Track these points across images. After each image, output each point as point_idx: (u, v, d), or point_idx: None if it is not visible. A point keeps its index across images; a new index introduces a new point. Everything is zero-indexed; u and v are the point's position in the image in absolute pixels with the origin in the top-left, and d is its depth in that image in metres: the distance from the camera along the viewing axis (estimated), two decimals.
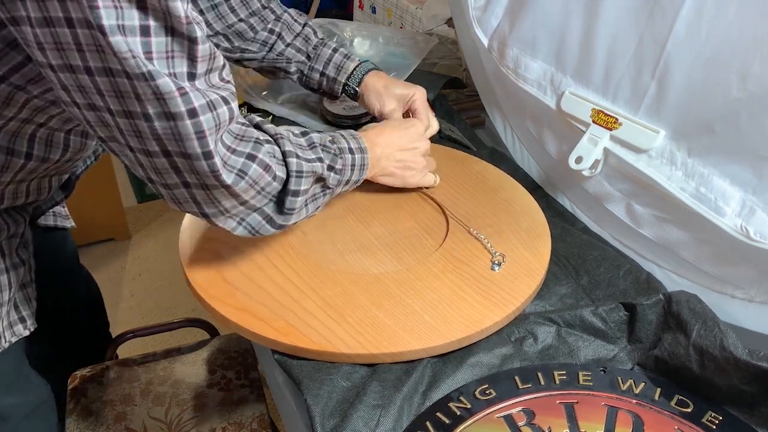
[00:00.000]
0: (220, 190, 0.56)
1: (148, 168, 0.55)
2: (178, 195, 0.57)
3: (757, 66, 0.59)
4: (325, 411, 0.58)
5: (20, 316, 0.75)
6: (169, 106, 0.50)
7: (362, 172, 0.74)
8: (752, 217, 0.62)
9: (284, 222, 0.64)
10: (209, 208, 0.59)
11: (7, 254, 0.72)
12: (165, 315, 1.82)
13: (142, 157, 0.54)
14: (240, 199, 0.59)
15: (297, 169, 0.62)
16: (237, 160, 0.57)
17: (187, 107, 0.50)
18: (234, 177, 0.56)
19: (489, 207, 0.82)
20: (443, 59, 1.27)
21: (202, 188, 0.56)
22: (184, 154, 0.53)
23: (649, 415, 0.58)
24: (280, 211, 0.63)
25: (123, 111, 0.50)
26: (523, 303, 0.68)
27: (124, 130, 0.52)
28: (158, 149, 0.53)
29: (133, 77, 0.48)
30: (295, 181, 0.62)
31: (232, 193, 0.57)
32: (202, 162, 0.53)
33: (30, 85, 0.59)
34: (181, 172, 0.55)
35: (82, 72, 0.48)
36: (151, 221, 2.19)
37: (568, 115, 0.78)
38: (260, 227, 0.63)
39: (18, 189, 0.70)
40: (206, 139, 0.52)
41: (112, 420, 0.92)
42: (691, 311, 0.63)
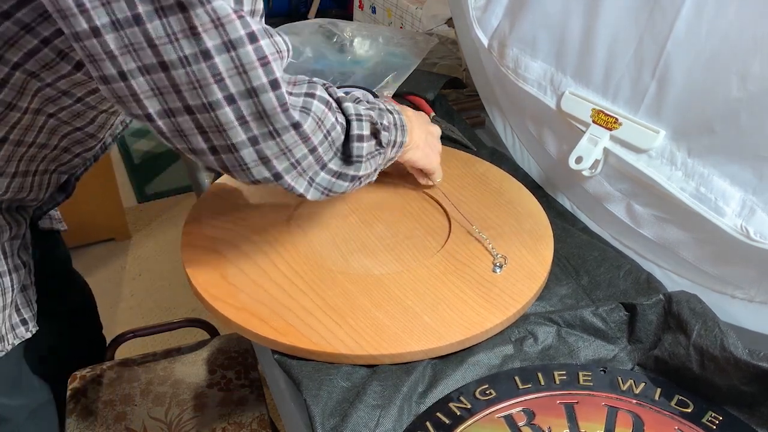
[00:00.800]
0: (290, 133, 0.53)
1: (210, 130, 0.52)
2: (246, 156, 0.54)
3: (757, 66, 0.59)
4: (324, 411, 0.58)
5: (22, 318, 0.75)
6: (228, 32, 0.47)
7: (404, 135, 0.71)
8: (752, 217, 0.62)
9: (355, 172, 0.61)
10: (281, 163, 0.55)
11: (9, 256, 0.72)
12: (165, 315, 1.82)
13: (204, 116, 0.51)
14: (309, 143, 0.55)
15: (355, 112, 0.60)
16: (297, 99, 0.54)
17: (247, 31, 0.48)
18: (300, 113, 0.54)
19: (492, 208, 0.82)
20: (443, 59, 1.27)
21: (271, 136, 0.53)
22: (249, 90, 0.50)
23: (649, 415, 0.58)
24: (348, 161, 0.61)
25: (179, 58, 0.48)
26: (524, 306, 0.68)
27: (181, 85, 0.49)
28: (221, 96, 0.50)
29: (188, 6, 0.45)
30: (356, 125, 0.60)
31: (301, 135, 0.54)
32: (270, 94, 0.51)
33: (44, 71, 0.58)
34: (247, 122, 0.52)
35: (131, 23, 0.46)
36: (151, 221, 2.19)
37: (568, 115, 0.78)
38: (332, 185, 0.61)
39: (23, 183, 0.70)
40: (270, 65, 0.50)
41: (112, 420, 0.92)
42: (692, 311, 0.63)
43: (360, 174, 0.62)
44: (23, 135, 0.64)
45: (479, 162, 0.92)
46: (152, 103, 0.51)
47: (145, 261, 2.02)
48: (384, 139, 0.65)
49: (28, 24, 0.54)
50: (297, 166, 0.57)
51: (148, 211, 2.23)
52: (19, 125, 0.62)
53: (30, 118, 0.63)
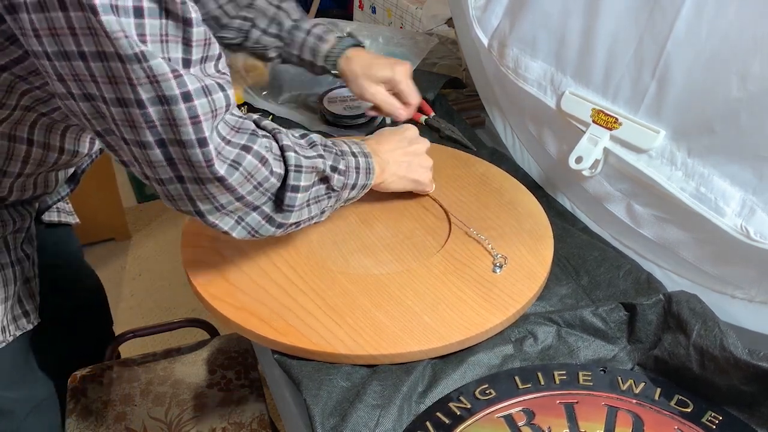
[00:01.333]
0: (214, 184, 0.55)
1: (143, 162, 0.54)
2: (173, 191, 0.56)
3: (757, 66, 0.59)
4: (324, 411, 0.58)
5: (24, 310, 0.76)
6: (163, 89, 0.49)
7: (368, 177, 0.72)
8: (752, 217, 0.62)
9: (283, 220, 0.62)
10: (204, 205, 0.57)
11: (12, 248, 0.72)
12: (165, 315, 1.82)
13: (137, 150, 0.53)
14: (235, 193, 0.57)
15: (296, 163, 0.61)
16: (231, 151, 0.55)
17: (182, 90, 0.49)
18: (227, 168, 0.55)
19: (492, 209, 0.82)
20: (443, 59, 1.26)
21: (196, 182, 0.55)
22: (178, 141, 0.52)
23: (649, 415, 0.58)
24: (278, 209, 0.61)
25: (117, 99, 0.50)
26: (524, 306, 0.68)
27: (118, 120, 0.51)
28: (152, 139, 0.52)
29: (126, 59, 0.47)
30: (294, 176, 0.60)
31: (226, 186, 0.56)
32: (197, 150, 0.52)
33: (31, 76, 0.59)
34: (175, 164, 0.54)
35: (77, 58, 0.48)
36: (151, 221, 2.19)
37: (568, 115, 0.78)
38: (260, 227, 0.62)
39: (26, 183, 0.71)
40: (201, 124, 0.51)
41: (112, 420, 0.92)
42: (692, 311, 0.63)
43: (289, 222, 0.63)
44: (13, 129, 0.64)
45: (479, 162, 0.92)
46: (98, 123, 0.53)
47: (145, 261, 2.02)
48: (337, 183, 0.66)
49: (12, 36, 0.55)
50: (221, 209, 0.58)
51: (148, 211, 2.23)
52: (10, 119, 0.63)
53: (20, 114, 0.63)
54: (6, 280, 0.71)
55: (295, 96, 1.09)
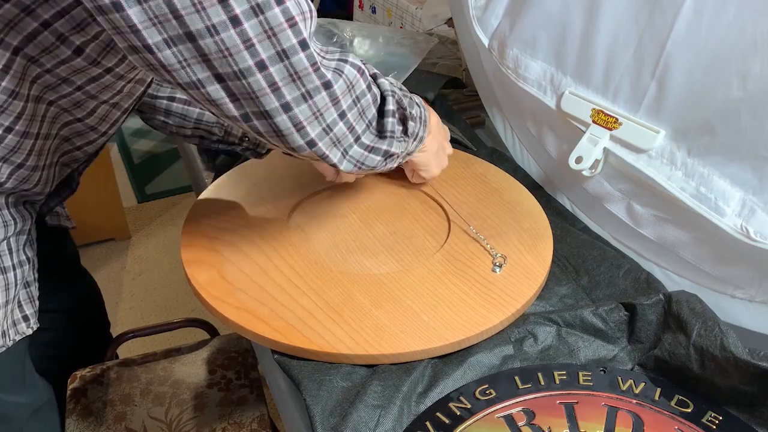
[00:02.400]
0: (321, 95, 0.54)
1: (243, 97, 0.52)
2: (280, 123, 0.54)
3: (757, 66, 0.59)
4: (324, 411, 0.58)
5: (24, 314, 0.76)
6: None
7: (425, 129, 0.72)
8: (752, 217, 0.62)
9: (388, 147, 0.62)
10: (313, 129, 0.55)
11: (15, 251, 0.72)
12: (165, 315, 1.82)
13: (236, 84, 0.51)
14: (339, 106, 0.56)
15: (390, 89, 0.61)
16: (330, 62, 0.55)
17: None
18: (332, 74, 0.54)
19: (491, 208, 0.82)
20: (443, 59, 1.27)
21: (303, 99, 0.53)
22: (279, 53, 0.50)
23: (649, 415, 0.58)
24: (381, 135, 0.61)
25: (207, 28, 0.48)
26: (523, 305, 0.68)
27: (210, 54, 0.49)
28: (252, 63, 0.50)
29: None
30: (391, 100, 0.61)
31: (331, 95, 0.54)
32: (300, 55, 0.51)
33: (43, 56, 0.58)
34: (279, 89, 0.52)
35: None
36: (151, 221, 2.19)
37: (568, 115, 0.78)
38: (365, 159, 0.61)
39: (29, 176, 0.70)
40: (298, 25, 0.50)
41: (112, 420, 0.92)
42: (692, 311, 0.63)
43: (392, 150, 0.63)
44: (29, 126, 0.64)
45: (479, 162, 0.92)
46: (181, 75, 0.51)
47: (145, 261, 2.02)
48: (410, 128, 0.66)
49: (28, 6, 0.54)
50: (329, 131, 0.57)
51: (148, 211, 2.23)
52: (24, 115, 0.63)
53: (32, 107, 0.63)
54: (7, 285, 0.71)
55: None
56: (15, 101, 0.61)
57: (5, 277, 0.71)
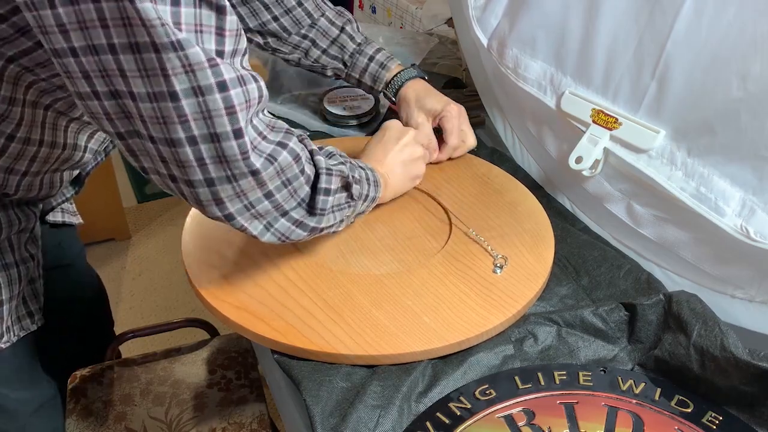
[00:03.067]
0: (247, 179, 0.54)
1: (171, 162, 0.53)
2: (201, 195, 0.55)
3: (757, 66, 0.59)
4: (324, 411, 0.58)
5: (28, 310, 0.76)
6: (198, 79, 0.48)
7: (377, 189, 0.73)
8: (752, 217, 0.62)
9: (316, 224, 0.62)
10: (234, 206, 0.56)
11: (17, 248, 0.72)
12: (165, 315, 1.82)
13: (165, 150, 0.51)
14: (266, 189, 0.56)
15: (326, 166, 0.61)
16: (267, 146, 0.55)
17: (217, 79, 0.48)
18: (263, 161, 0.54)
19: (493, 209, 0.82)
20: (443, 59, 1.27)
21: (228, 180, 0.54)
22: (212, 135, 0.50)
23: (649, 416, 0.58)
24: (311, 212, 0.61)
25: (147, 93, 0.48)
26: (524, 306, 0.68)
27: (147, 117, 0.50)
28: (183, 136, 0.50)
29: (161, 48, 0.46)
30: (325, 178, 0.61)
31: (259, 181, 0.55)
32: (232, 142, 0.51)
33: (38, 68, 0.59)
34: (206, 165, 0.52)
35: (106, 51, 0.47)
36: (151, 221, 2.19)
37: (568, 115, 0.78)
38: (290, 232, 0.61)
39: (33, 182, 0.71)
40: (236, 115, 0.50)
41: (112, 420, 0.92)
42: (692, 311, 0.63)
43: (321, 226, 0.63)
44: (29, 132, 0.64)
45: (480, 162, 0.92)
46: (122, 124, 0.52)
47: (145, 261, 2.02)
48: (355, 191, 0.66)
49: (23, 27, 0.54)
50: (251, 208, 0.57)
51: (148, 211, 2.23)
52: (24, 121, 0.63)
53: (31, 113, 0.63)
54: (11, 281, 0.71)
55: (295, 96, 1.09)
56: (14, 108, 0.61)
57: (8, 273, 0.71)
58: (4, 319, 0.71)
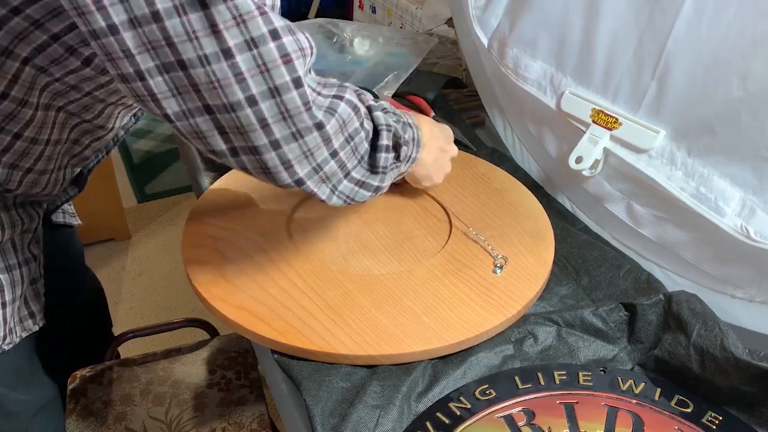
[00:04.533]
0: (312, 134, 0.52)
1: (232, 132, 0.51)
2: (269, 161, 0.52)
3: (757, 66, 0.59)
4: (324, 411, 0.58)
5: (30, 311, 0.76)
6: (251, 30, 0.46)
7: (418, 150, 0.70)
8: (752, 217, 0.62)
9: (380, 183, 0.61)
10: (302, 167, 0.54)
11: (20, 249, 0.72)
12: (165, 315, 1.82)
13: (225, 117, 0.50)
14: (330, 146, 0.54)
15: (385, 122, 0.60)
16: (324, 100, 0.53)
17: (269, 28, 0.47)
18: (324, 113, 0.52)
19: (493, 209, 0.82)
20: (443, 59, 1.26)
21: (293, 138, 0.52)
22: (271, 90, 0.49)
23: (649, 416, 0.58)
24: (373, 171, 0.60)
25: (198, 57, 0.46)
26: (524, 307, 0.68)
27: (201, 84, 0.48)
28: (242, 97, 0.48)
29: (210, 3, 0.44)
30: (385, 134, 0.59)
31: (323, 136, 0.53)
32: (293, 93, 0.50)
33: (52, 66, 0.58)
34: (269, 125, 0.50)
35: (150, 21, 0.45)
36: (151, 221, 2.19)
37: (568, 115, 0.78)
38: (355, 194, 0.60)
39: (37, 179, 0.71)
40: (293, 63, 0.49)
41: (112, 420, 0.92)
42: (692, 311, 0.63)
43: (383, 185, 0.62)
44: (38, 133, 0.64)
45: (480, 162, 0.92)
46: (170, 104, 0.50)
47: (145, 261, 2.02)
48: (403, 153, 0.65)
49: (38, 20, 0.54)
50: (319, 170, 0.56)
51: (148, 211, 2.23)
52: (34, 123, 0.63)
53: (42, 115, 0.63)
54: (14, 282, 0.71)
55: None
56: (24, 109, 0.61)
57: (11, 274, 0.71)
58: (6, 321, 0.71)
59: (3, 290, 0.70)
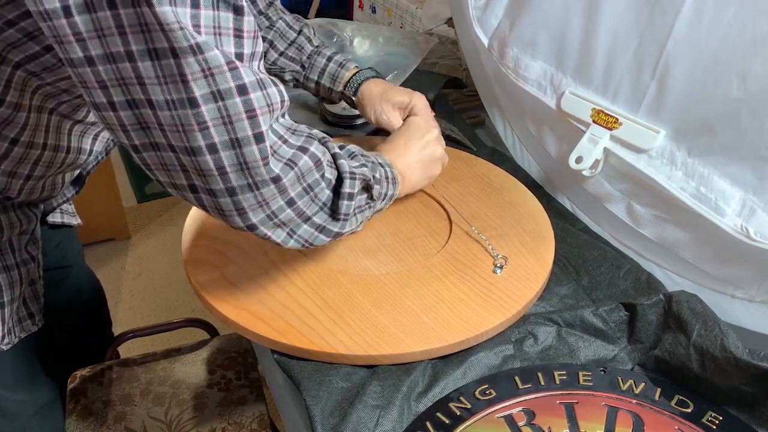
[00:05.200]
0: (268, 187, 0.53)
1: (192, 172, 0.52)
2: (224, 204, 0.54)
3: (757, 66, 0.59)
4: (324, 411, 0.58)
5: (29, 311, 0.76)
6: (218, 83, 0.47)
7: (395, 187, 0.71)
8: (752, 217, 0.62)
9: (340, 229, 0.61)
10: (256, 215, 0.55)
11: (17, 250, 0.72)
12: (165, 315, 1.82)
13: (186, 159, 0.51)
14: (287, 196, 0.55)
15: (349, 170, 0.60)
16: (288, 151, 0.54)
17: (237, 83, 0.48)
18: (283, 167, 0.53)
19: (493, 209, 0.82)
20: (443, 59, 1.27)
21: (249, 189, 0.53)
22: (232, 141, 0.49)
23: (649, 415, 0.58)
24: (334, 217, 0.61)
25: (166, 101, 0.47)
26: (524, 307, 0.68)
27: (166, 126, 0.49)
28: (203, 144, 0.49)
29: (180, 53, 0.45)
30: (348, 183, 0.60)
31: (280, 188, 0.54)
32: (253, 147, 0.50)
33: (45, 72, 0.58)
34: (226, 173, 0.51)
35: (124, 59, 0.46)
36: (151, 221, 2.19)
37: (568, 115, 0.78)
38: (314, 238, 0.60)
39: (35, 186, 0.71)
40: (258, 118, 0.50)
41: (112, 420, 0.92)
42: (692, 311, 0.63)
43: (344, 231, 0.62)
44: (33, 136, 0.65)
45: (480, 162, 0.92)
46: (138, 135, 0.51)
47: (145, 261, 2.02)
48: (375, 192, 0.65)
49: (32, 33, 0.54)
50: (273, 218, 0.56)
51: (148, 211, 2.23)
52: (28, 126, 0.63)
53: (36, 117, 0.63)
54: (12, 282, 0.71)
55: (295, 96, 1.09)
56: (19, 113, 0.61)
57: (9, 275, 0.71)
58: (5, 321, 0.71)
59: (1, 290, 0.70)
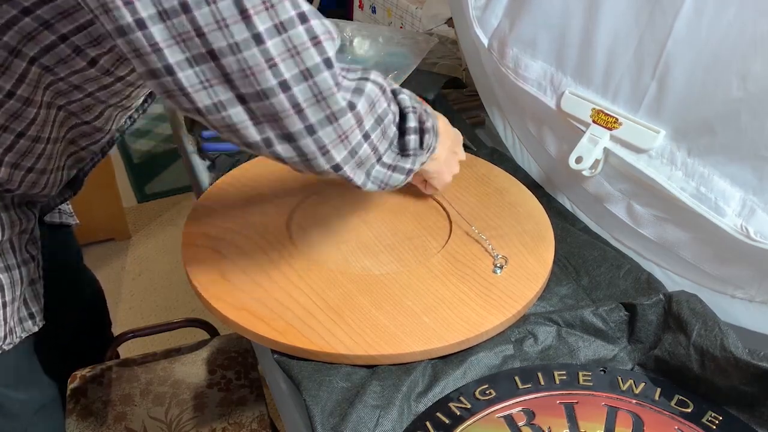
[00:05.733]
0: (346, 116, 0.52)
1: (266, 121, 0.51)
2: (306, 147, 0.52)
3: (757, 66, 0.59)
4: (324, 411, 0.58)
5: (29, 312, 0.76)
6: (279, 14, 0.47)
7: (437, 139, 0.69)
8: (752, 217, 0.62)
9: (411, 165, 0.61)
10: (338, 152, 0.54)
11: (18, 250, 0.72)
12: (165, 315, 1.82)
13: (258, 106, 0.50)
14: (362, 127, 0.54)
15: (411, 104, 0.60)
16: (351, 82, 0.54)
17: (297, 11, 0.47)
18: (352, 94, 0.53)
19: (493, 209, 0.82)
20: (443, 59, 1.26)
21: (328, 121, 0.52)
22: (303, 72, 0.49)
23: (649, 416, 0.58)
24: (403, 154, 0.60)
25: (230, 45, 0.46)
26: (524, 307, 0.68)
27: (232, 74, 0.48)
28: (275, 83, 0.48)
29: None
30: (412, 116, 0.60)
31: (357, 117, 0.53)
32: (325, 74, 0.50)
33: (58, 66, 0.58)
34: (303, 110, 0.50)
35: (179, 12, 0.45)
36: (151, 221, 2.19)
37: (568, 114, 0.78)
38: (389, 178, 0.60)
39: (38, 180, 0.71)
40: (323, 44, 0.49)
41: (112, 420, 0.92)
42: (692, 311, 0.63)
43: (415, 168, 0.62)
44: (40, 131, 0.65)
45: (480, 162, 0.92)
46: (201, 97, 0.49)
47: (145, 261, 2.02)
48: (426, 140, 0.64)
49: (48, 21, 0.54)
50: (354, 155, 0.56)
51: (148, 211, 2.23)
52: (37, 121, 0.63)
53: (45, 113, 0.63)
54: (13, 282, 0.71)
55: None
56: (29, 108, 0.62)
57: (10, 274, 0.71)
58: (7, 321, 0.71)
59: (3, 290, 0.70)
